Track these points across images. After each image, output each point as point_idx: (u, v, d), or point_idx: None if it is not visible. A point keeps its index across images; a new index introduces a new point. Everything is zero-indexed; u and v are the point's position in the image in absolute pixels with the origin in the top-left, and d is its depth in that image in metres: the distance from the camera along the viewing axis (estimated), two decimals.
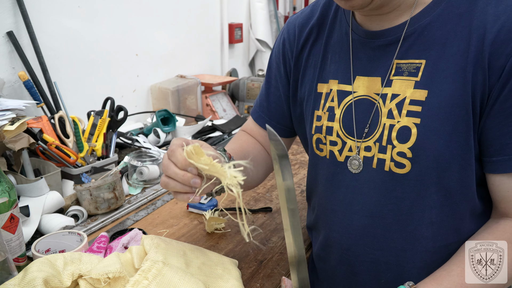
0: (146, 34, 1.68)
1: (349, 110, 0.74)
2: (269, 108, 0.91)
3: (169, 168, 0.65)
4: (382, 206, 0.72)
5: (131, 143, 1.41)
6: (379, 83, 0.71)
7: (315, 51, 0.81)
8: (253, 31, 2.43)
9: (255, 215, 1.06)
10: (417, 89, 0.67)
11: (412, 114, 0.67)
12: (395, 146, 0.68)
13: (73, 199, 1.07)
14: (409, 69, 0.68)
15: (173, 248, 0.74)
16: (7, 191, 0.75)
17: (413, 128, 0.66)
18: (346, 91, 0.74)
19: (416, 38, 0.67)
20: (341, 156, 0.75)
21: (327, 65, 0.78)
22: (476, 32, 0.62)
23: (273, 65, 0.90)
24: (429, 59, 0.66)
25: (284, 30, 0.87)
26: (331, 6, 0.80)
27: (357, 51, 0.74)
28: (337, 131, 0.75)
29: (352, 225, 0.75)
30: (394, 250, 0.73)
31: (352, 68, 0.74)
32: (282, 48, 0.86)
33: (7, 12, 1.17)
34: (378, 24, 0.71)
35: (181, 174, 0.64)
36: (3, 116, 0.97)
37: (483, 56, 0.62)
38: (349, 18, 0.75)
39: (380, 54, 0.71)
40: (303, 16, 0.84)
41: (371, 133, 0.71)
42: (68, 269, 0.65)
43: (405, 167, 0.68)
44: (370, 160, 0.72)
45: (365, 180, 0.73)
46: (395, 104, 0.68)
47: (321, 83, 0.79)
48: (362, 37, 0.73)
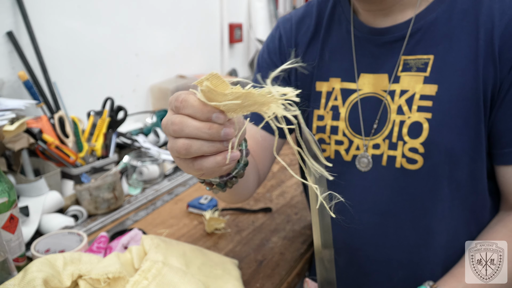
0: (146, 34, 1.68)
1: (355, 108, 0.73)
2: None
3: (187, 125, 0.42)
4: (394, 203, 0.71)
5: (131, 143, 1.41)
6: (386, 79, 0.70)
7: (312, 50, 0.80)
8: (253, 31, 2.43)
9: (255, 215, 1.06)
10: (427, 84, 0.67)
11: (423, 109, 0.67)
12: (406, 142, 0.68)
13: (72, 199, 1.07)
14: (417, 65, 0.68)
15: (173, 248, 0.74)
16: (6, 191, 0.75)
17: (424, 123, 0.67)
18: (350, 89, 0.74)
19: (423, 34, 0.68)
20: (348, 155, 0.74)
21: (326, 63, 0.77)
22: (484, 27, 0.64)
23: (263, 65, 0.86)
24: (437, 54, 0.67)
25: (280, 27, 0.85)
26: (326, 6, 0.79)
27: (360, 48, 0.73)
28: (343, 130, 0.74)
29: (362, 225, 0.74)
30: (407, 248, 0.72)
31: (355, 65, 0.73)
32: (278, 44, 0.84)
33: (7, 12, 1.17)
34: (383, 20, 0.70)
35: (206, 127, 0.42)
36: (3, 116, 0.97)
37: (493, 49, 0.63)
38: (350, 16, 0.75)
39: (386, 51, 0.71)
40: (298, 15, 0.83)
41: (379, 130, 0.71)
42: (68, 269, 0.65)
43: (417, 163, 0.68)
44: (379, 158, 0.71)
45: (374, 178, 0.72)
46: (404, 100, 0.68)
47: (320, 81, 0.78)
48: (366, 34, 0.72)
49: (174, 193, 1.19)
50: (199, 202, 1.07)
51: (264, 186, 1.23)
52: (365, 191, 0.73)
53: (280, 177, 1.30)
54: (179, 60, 1.89)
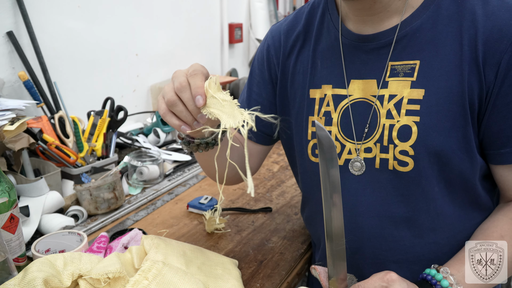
0: (146, 34, 1.68)
1: (346, 114, 0.75)
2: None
3: (185, 91, 0.62)
4: (389, 205, 0.73)
5: (131, 143, 1.41)
6: (375, 85, 0.72)
7: (303, 57, 0.81)
8: (253, 31, 2.43)
9: (255, 215, 1.06)
10: (414, 89, 0.69)
11: (411, 113, 0.69)
12: (396, 145, 0.70)
13: (73, 199, 1.07)
14: (404, 70, 0.70)
15: (173, 248, 0.74)
16: (7, 191, 0.75)
17: (413, 126, 0.68)
18: (341, 95, 0.75)
19: (409, 40, 0.69)
20: (340, 159, 0.75)
21: (318, 71, 0.78)
22: (468, 32, 0.65)
23: (255, 71, 0.89)
24: (423, 59, 0.68)
25: (268, 36, 0.87)
26: (316, 14, 0.81)
27: (349, 55, 0.75)
28: (336, 135, 0.76)
29: (358, 228, 0.75)
30: (403, 248, 0.74)
31: (345, 72, 0.75)
32: (266, 54, 0.86)
33: (7, 12, 1.17)
34: (371, 27, 0.72)
35: (192, 102, 0.62)
36: (3, 116, 0.97)
37: (477, 54, 0.64)
38: (338, 24, 0.76)
39: (373, 57, 0.72)
40: (288, 23, 0.85)
41: (370, 134, 0.72)
42: (68, 269, 0.65)
43: (408, 165, 0.69)
44: (372, 161, 0.72)
45: (368, 181, 0.73)
46: (393, 104, 0.70)
47: (313, 88, 0.79)
48: (354, 41, 0.74)
49: (174, 193, 1.19)
50: (199, 202, 1.07)
51: (264, 186, 1.23)
52: (359, 194, 0.74)
53: (280, 177, 1.30)
54: (179, 60, 1.89)
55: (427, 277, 0.66)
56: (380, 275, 0.61)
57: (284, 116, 0.85)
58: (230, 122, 0.59)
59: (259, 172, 1.33)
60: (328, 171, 0.57)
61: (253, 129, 0.58)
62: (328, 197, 0.58)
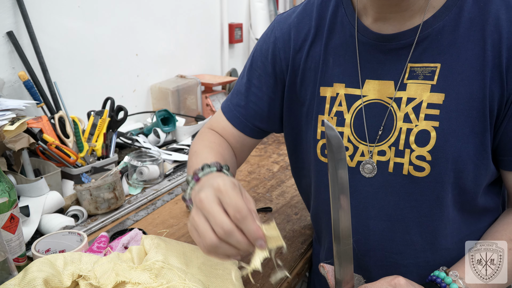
0: (146, 34, 1.68)
1: (360, 115, 0.72)
2: (247, 109, 0.85)
3: (233, 235, 0.54)
4: (401, 209, 0.71)
5: (131, 143, 1.41)
6: (392, 86, 0.70)
7: (314, 53, 0.77)
8: (253, 31, 2.43)
9: None
10: (434, 93, 0.67)
11: (431, 117, 0.67)
12: (413, 150, 0.68)
13: (73, 199, 1.07)
14: (424, 73, 0.68)
15: (173, 248, 0.74)
16: (7, 191, 0.75)
17: (432, 131, 0.67)
18: (355, 95, 0.73)
19: (431, 42, 0.67)
20: (352, 161, 0.74)
21: (329, 67, 0.75)
22: (491, 37, 0.64)
23: (257, 63, 0.84)
24: (444, 62, 0.66)
25: (275, 28, 0.82)
26: (328, 7, 0.77)
27: (365, 54, 0.72)
28: (348, 136, 0.74)
29: (369, 231, 0.74)
30: (414, 252, 0.73)
31: (360, 71, 0.72)
32: (272, 47, 0.81)
33: (7, 12, 1.17)
34: (391, 26, 0.69)
35: (246, 244, 0.55)
36: (3, 116, 0.97)
37: (500, 61, 0.63)
38: (353, 20, 0.73)
39: (392, 58, 0.70)
40: (297, 16, 0.80)
41: (385, 137, 0.71)
42: (68, 269, 0.65)
43: (425, 170, 0.68)
44: (385, 164, 0.71)
45: (380, 184, 0.72)
46: (411, 108, 0.68)
47: (324, 86, 0.76)
48: (372, 40, 0.71)
49: (174, 193, 1.19)
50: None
51: (264, 186, 1.23)
52: (370, 197, 0.73)
53: (280, 177, 1.30)
54: (179, 60, 1.90)
55: (437, 279, 0.65)
56: (388, 279, 0.61)
57: (289, 112, 0.83)
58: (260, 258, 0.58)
59: (259, 172, 1.33)
60: (337, 172, 0.56)
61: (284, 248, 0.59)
62: (336, 198, 0.57)
